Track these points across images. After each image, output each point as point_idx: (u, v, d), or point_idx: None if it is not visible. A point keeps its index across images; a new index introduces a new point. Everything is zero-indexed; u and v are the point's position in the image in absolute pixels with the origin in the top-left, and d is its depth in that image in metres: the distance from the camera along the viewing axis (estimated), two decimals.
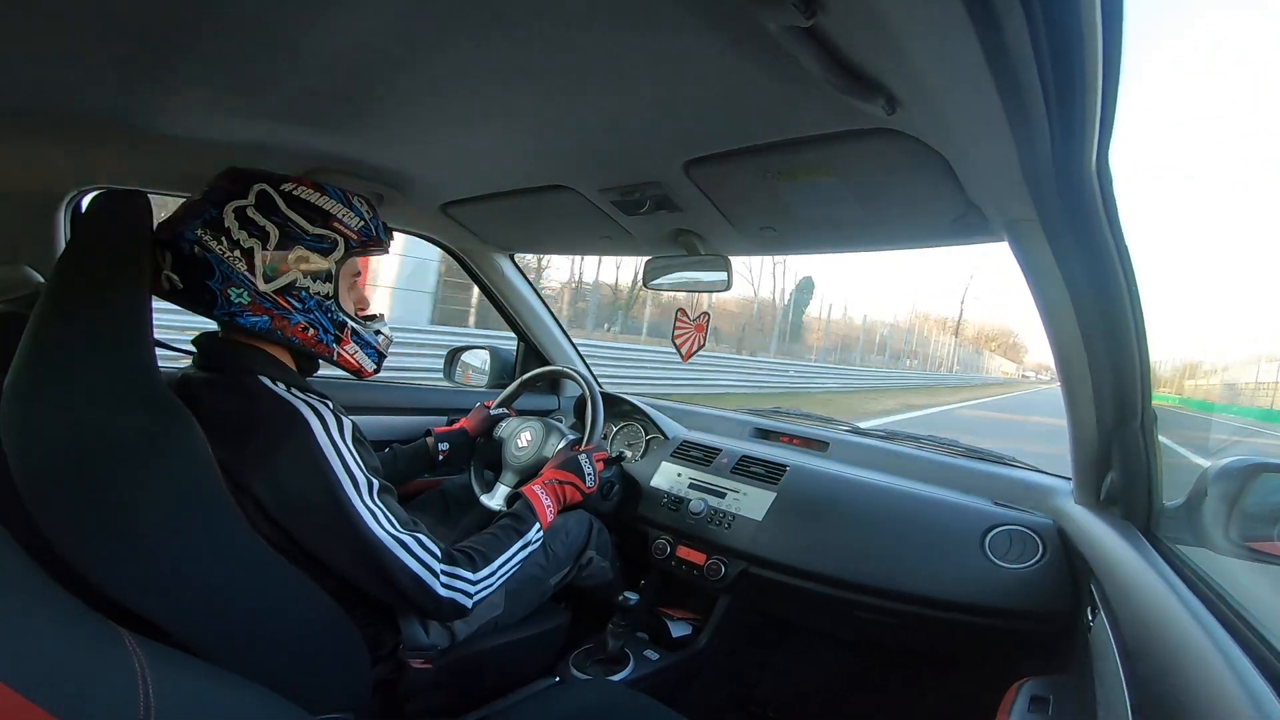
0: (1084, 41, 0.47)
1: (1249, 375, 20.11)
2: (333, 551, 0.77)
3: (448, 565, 0.84)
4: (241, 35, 0.60)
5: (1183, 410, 19.90)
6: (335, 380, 1.30)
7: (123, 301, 0.67)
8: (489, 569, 0.88)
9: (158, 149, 0.93)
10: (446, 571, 0.83)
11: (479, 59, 0.62)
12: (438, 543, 0.84)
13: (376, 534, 0.77)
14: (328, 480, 0.75)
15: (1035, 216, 0.74)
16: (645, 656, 1.22)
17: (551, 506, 1.04)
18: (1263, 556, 0.73)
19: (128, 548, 0.64)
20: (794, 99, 0.63)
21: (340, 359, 0.87)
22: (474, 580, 0.86)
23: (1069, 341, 0.86)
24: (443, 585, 0.82)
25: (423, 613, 0.87)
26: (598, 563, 1.29)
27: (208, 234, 0.75)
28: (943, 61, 0.51)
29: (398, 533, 0.79)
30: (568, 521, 1.21)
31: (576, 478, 1.12)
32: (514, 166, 0.98)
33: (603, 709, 0.87)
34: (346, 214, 0.83)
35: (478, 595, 0.86)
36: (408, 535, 0.80)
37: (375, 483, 0.80)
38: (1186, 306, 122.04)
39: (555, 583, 1.18)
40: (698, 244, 1.20)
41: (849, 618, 1.16)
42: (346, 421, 0.80)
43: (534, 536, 0.98)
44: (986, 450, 1.47)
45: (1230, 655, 0.52)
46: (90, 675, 0.44)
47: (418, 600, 0.81)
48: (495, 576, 0.89)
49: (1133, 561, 0.77)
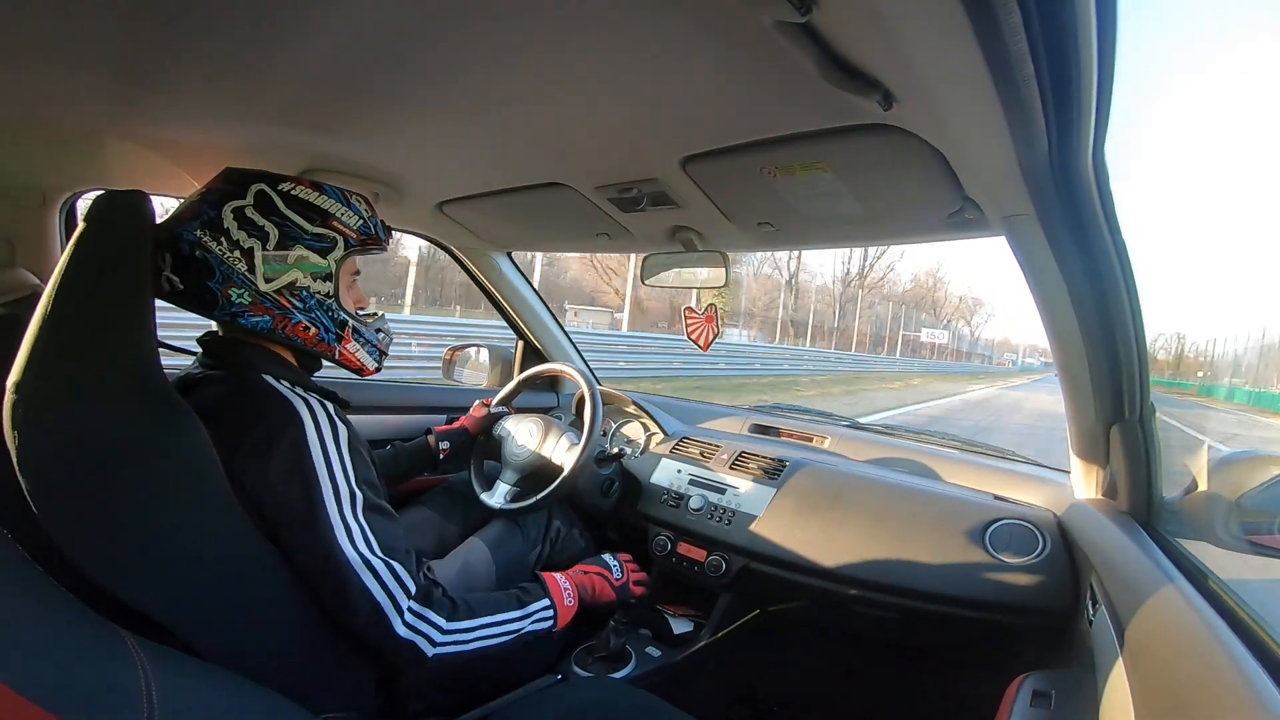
0: (1080, 36, 0.47)
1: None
2: (299, 558, 0.74)
3: (419, 605, 0.77)
4: (236, 35, 0.60)
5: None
6: (335, 380, 1.30)
7: (126, 300, 0.67)
8: (467, 624, 0.82)
9: (152, 150, 0.93)
10: (414, 610, 0.76)
11: (474, 57, 0.62)
12: (420, 578, 0.79)
13: (344, 551, 0.73)
14: (307, 483, 0.73)
15: (1032, 211, 0.74)
16: (647, 654, 1.22)
17: (570, 590, 1.00)
18: (1263, 549, 0.73)
19: (132, 546, 0.64)
20: (790, 95, 0.63)
21: (342, 357, 0.87)
22: (444, 629, 0.79)
23: (1067, 336, 0.87)
24: (404, 624, 0.75)
25: (376, 647, 0.77)
26: (565, 533, 1.31)
27: (207, 235, 0.75)
28: (939, 57, 0.51)
29: (370, 555, 0.74)
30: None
31: (605, 570, 1.11)
32: (510, 164, 0.98)
33: (605, 706, 0.87)
34: (345, 213, 0.83)
35: (441, 648, 0.78)
36: (381, 560, 0.75)
37: (361, 496, 0.76)
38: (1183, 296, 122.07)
39: (534, 561, 1.21)
40: (695, 240, 1.19)
41: (850, 613, 1.16)
42: (343, 427, 0.78)
43: (538, 611, 0.92)
44: (986, 444, 1.47)
45: (1231, 647, 0.52)
46: (93, 677, 0.44)
47: (371, 632, 0.75)
48: (472, 635, 0.82)
49: (1133, 555, 0.77)
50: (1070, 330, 0.85)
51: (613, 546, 1.50)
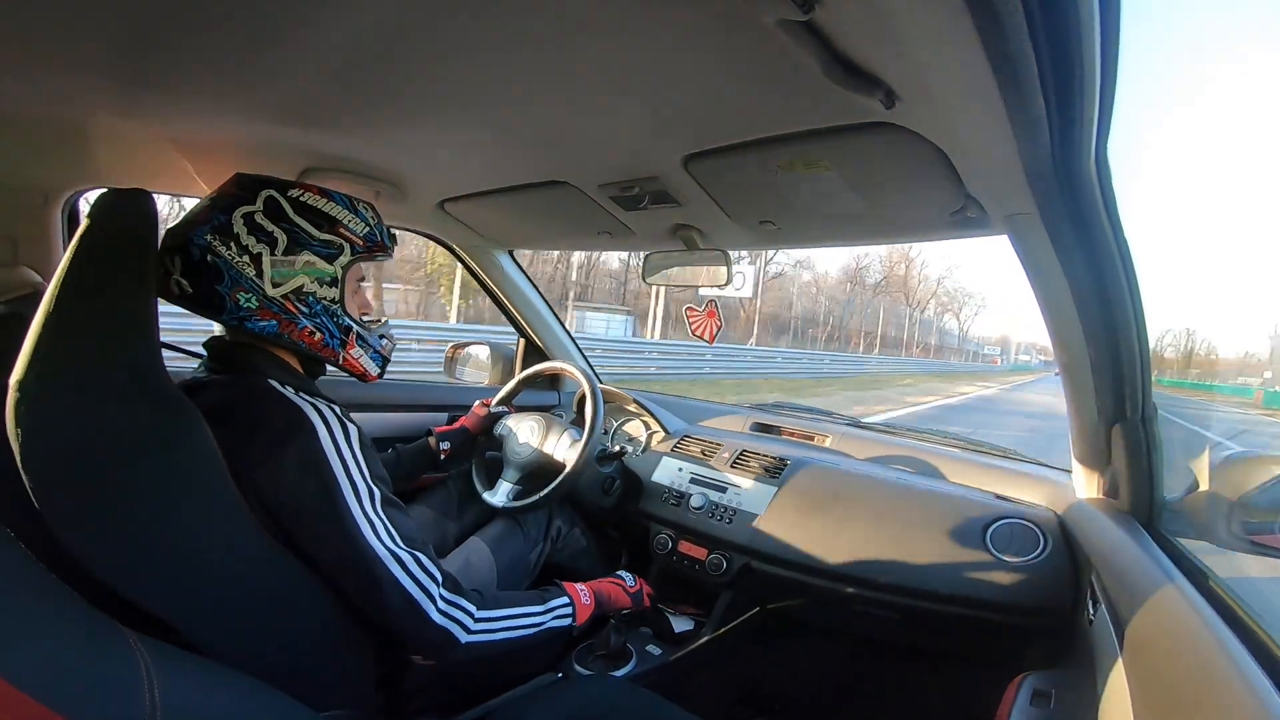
0: (1083, 34, 0.47)
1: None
2: (324, 559, 0.75)
3: (449, 592, 0.80)
4: (239, 33, 0.60)
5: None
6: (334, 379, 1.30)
7: (129, 298, 0.67)
8: (497, 612, 0.85)
9: (153, 148, 0.93)
10: (446, 598, 0.79)
11: (476, 55, 0.62)
12: (442, 567, 0.81)
13: (373, 545, 0.75)
14: (327, 485, 0.74)
15: (1035, 210, 0.73)
16: (648, 652, 1.22)
17: (587, 592, 1.02)
18: (1264, 549, 0.73)
19: (134, 543, 0.64)
20: (792, 93, 0.63)
21: (346, 363, 0.87)
22: (476, 617, 0.82)
23: (1070, 335, 0.86)
24: (439, 610, 0.78)
25: (409, 639, 0.80)
26: (567, 533, 1.32)
27: (217, 239, 0.76)
28: (941, 55, 0.50)
29: (397, 548, 0.77)
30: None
31: (619, 580, 1.13)
32: (512, 163, 0.98)
33: (606, 705, 0.87)
34: (352, 219, 0.84)
35: (477, 635, 0.81)
36: (407, 552, 0.77)
37: (378, 492, 0.78)
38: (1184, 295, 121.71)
39: (535, 559, 1.23)
40: (697, 239, 1.19)
41: (851, 612, 1.17)
42: (352, 427, 0.80)
43: (559, 607, 0.95)
44: (987, 444, 1.47)
45: (1231, 648, 0.52)
46: (95, 675, 0.44)
47: (407, 622, 0.77)
48: (500, 625, 0.85)
49: (1134, 554, 0.77)
50: (1072, 330, 0.85)
51: (614, 545, 1.50)
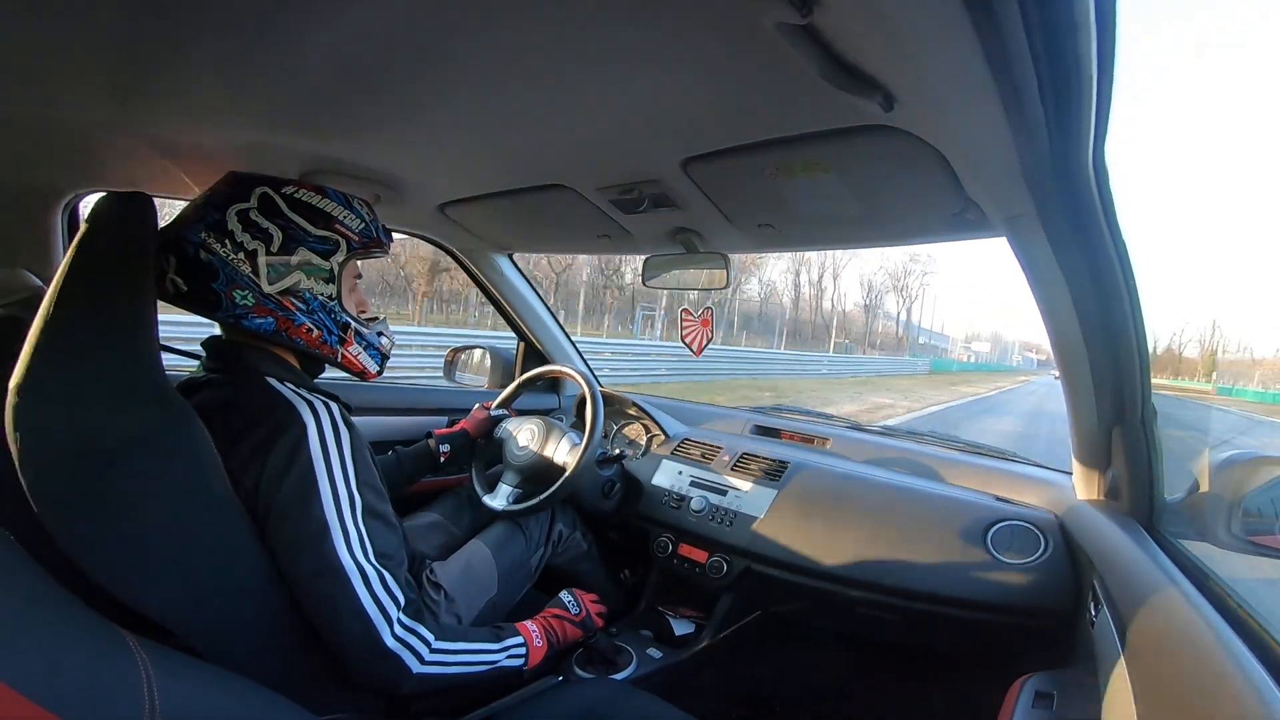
0: (1080, 36, 0.47)
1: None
2: (291, 563, 0.72)
3: (410, 618, 0.76)
4: (238, 36, 0.60)
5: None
6: (336, 383, 1.30)
7: (128, 301, 0.67)
8: (456, 645, 0.82)
9: (153, 152, 0.93)
10: (404, 622, 0.75)
11: (475, 58, 0.62)
12: (410, 591, 0.78)
13: (340, 555, 0.72)
14: (305, 487, 0.72)
15: (1034, 212, 0.74)
16: (648, 655, 1.22)
17: (538, 633, 0.98)
18: (1265, 550, 0.73)
19: (133, 547, 0.64)
20: (791, 96, 0.63)
21: (344, 360, 0.87)
22: (433, 646, 0.78)
23: (1069, 337, 0.87)
24: (393, 635, 0.74)
25: (356, 665, 0.74)
26: (568, 536, 1.32)
27: (211, 237, 0.75)
28: (940, 58, 0.51)
29: (365, 561, 0.73)
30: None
31: (562, 610, 1.09)
32: (511, 166, 0.98)
33: (606, 707, 0.87)
34: (347, 216, 0.84)
35: (430, 666, 0.77)
36: (374, 568, 0.74)
37: (360, 501, 0.75)
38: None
39: (536, 563, 1.22)
40: (696, 242, 1.20)
41: (851, 614, 1.16)
42: (346, 430, 0.78)
43: (513, 646, 0.91)
44: (987, 445, 1.47)
45: (1233, 648, 0.52)
46: (94, 678, 0.44)
47: (357, 645, 0.73)
48: (455, 659, 0.81)
49: (1134, 556, 0.77)
50: (1072, 332, 0.85)
51: (614, 548, 1.50)
